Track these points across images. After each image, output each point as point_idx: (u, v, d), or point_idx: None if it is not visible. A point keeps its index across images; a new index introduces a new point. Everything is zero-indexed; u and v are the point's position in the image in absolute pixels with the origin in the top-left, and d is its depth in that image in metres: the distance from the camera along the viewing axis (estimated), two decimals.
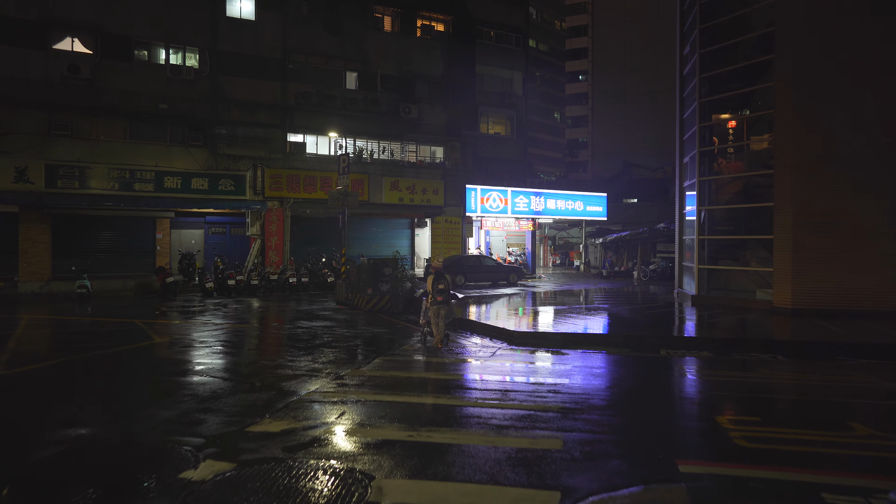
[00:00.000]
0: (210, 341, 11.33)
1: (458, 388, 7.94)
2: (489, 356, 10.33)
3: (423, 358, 10.05)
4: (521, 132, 35.49)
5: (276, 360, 9.62)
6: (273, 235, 24.76)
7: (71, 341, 11.70)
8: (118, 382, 8.22)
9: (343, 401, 7.14)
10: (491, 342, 11.78)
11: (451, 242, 29.55)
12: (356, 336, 12.52)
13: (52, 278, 21.67)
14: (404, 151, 28.63)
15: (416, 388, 7.99)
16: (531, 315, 15.48)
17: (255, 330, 13.33)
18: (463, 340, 12.00)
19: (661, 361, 10.04)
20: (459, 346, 11.28)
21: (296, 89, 25.53)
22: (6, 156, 20.64)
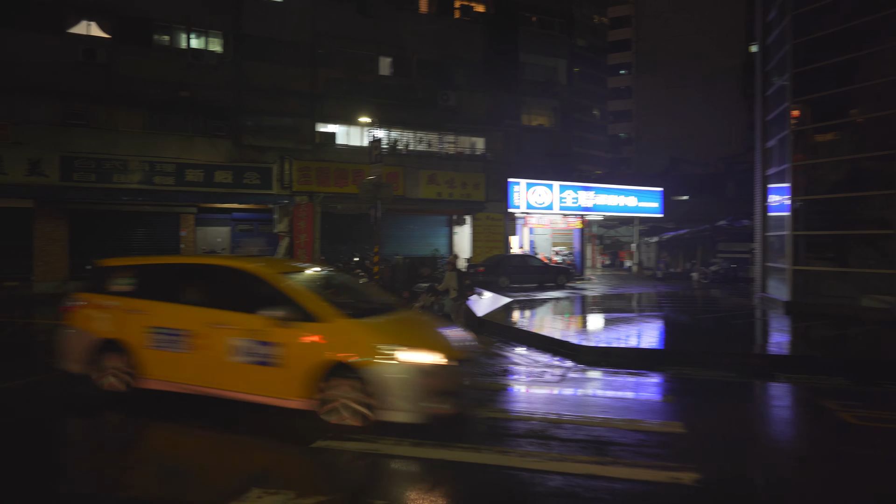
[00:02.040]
0: None
1: (539, 437, 5.66)
2: (558, 380, 8.07)
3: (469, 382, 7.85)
4: (566, 123, 33.06)
5: None
6: (302, 232, 22.94)
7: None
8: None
9: (365, 453, 5.01)
10: (552, 359, 9.51)
11: (492, 241, 27.29)
12: None
13: (70, 278, 20.25)
14: (442, 142, 26.51)
15: (474, 433, 5.80)
16: (593, 324, 13.13)
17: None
18: (514, 354, 9.76)
19: (793, 395, 7.61)
20: (512, 363, 9.05)
21: (325, 76, 23.67)
22: (19, 147, 19.29)
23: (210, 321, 6.10)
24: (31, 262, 19.96)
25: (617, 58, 72.44)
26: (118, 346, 6.52)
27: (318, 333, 5.69)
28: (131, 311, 6.56)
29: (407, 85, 25.13)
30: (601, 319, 13.91)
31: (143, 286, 6.76)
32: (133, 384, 6.48)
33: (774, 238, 16.20)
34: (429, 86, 25.49)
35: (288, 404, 5.73)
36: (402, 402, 5.37)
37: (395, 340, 5.63)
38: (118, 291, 6.81)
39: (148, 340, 6.37)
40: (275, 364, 5.73)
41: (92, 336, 6.68)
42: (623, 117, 74.62)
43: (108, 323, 6.66)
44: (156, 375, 6.35)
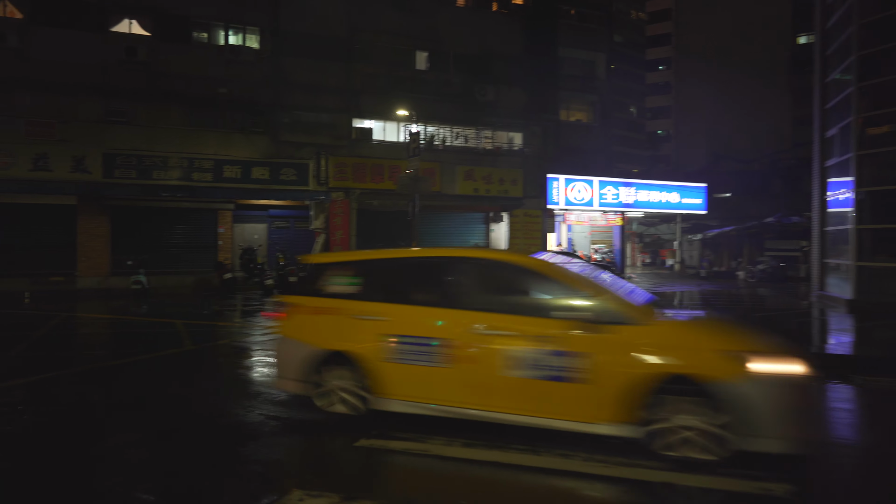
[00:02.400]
0: (248, 351, 9.14)
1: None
2: None
3: None
4: (605, 119, 32.28)
5: None
6: (338, 229, 22.79)
7: (85, 346, 9.85)
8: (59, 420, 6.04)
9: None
10: None
11: (530, 238, 26.70)
12: None
13: (111, 273, 20.50)
14: (479, 138, 26.05)
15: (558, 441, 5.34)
16: None
17: None
18: None
19: (880, 396, 6.95)
20: None
21: (362, 71, 23.47)
22: (64, 144, 19.60)
23: (477, 327, 4.98)
24: (76, 257, 20.26)
25: (655, 53, 70.75)
26: (347, 360, 5.42)
27: (638, 338, 4.59)
28: (362, 317, 5.44)
29: (444, 79, 24.77)
30: None
31: (374, 286, 5.68)
32: (367, 406, 5.36)
33: (834, 233, 15.28)
34: (466, 80, 25.08)
35: (593, 429, 4.64)
36: (775, 426, 4.24)
37: (739, 345, 4.56)
38: (340, 293, 5.71)
39: (387, 352, 5.24)
40: (576, 379, 4.63)
41: (312, 348, 5.55)
42: (661, 114, 72.90)
43: (331, 331, 5.55)
44: (399, 395, 5.23)
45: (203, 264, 21.36)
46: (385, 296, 5.55)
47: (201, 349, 9.23)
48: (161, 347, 9.28)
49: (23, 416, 5.60)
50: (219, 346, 9.58)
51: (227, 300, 17.37)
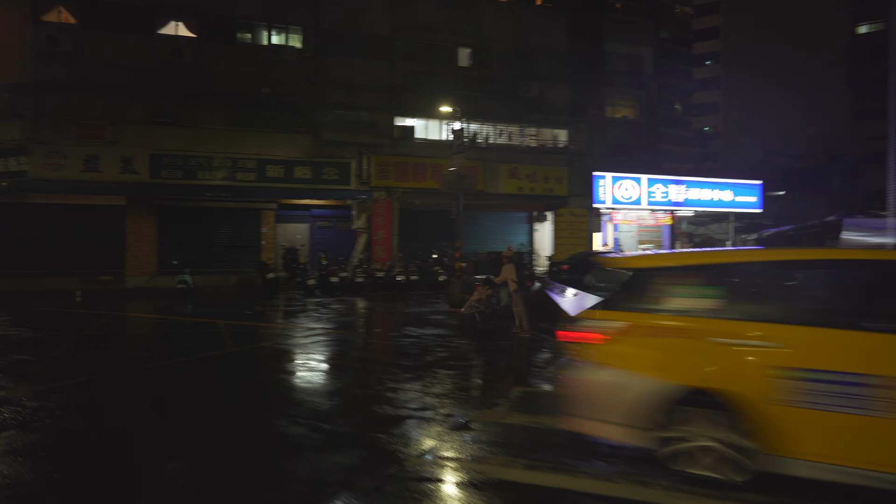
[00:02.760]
0: (291, 354, 8.85)
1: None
2: None
3: None
4: (652, 115, 31.17)
5: (375, 386, 6.85)
6: (380, 229, 22.54)
7: (128, 347, 9.74)
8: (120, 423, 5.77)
9: (476, 484, 4.13)
10: None
11: (575, 238, 25.93)
12: (476, 351, 9.58)
13: (158, 272, 20.75)
14: (523, 135, 25.43)
15: (605, 454, 4.81)
16: None
17: (355, 339, 10.76)
18: None
19: None
20: None
21: (404, 68, 23.18)
22: (113, 146, 19.91)
23: None
24: (124, 257, 20.58)
25: (702, 47, 68.56)
26: (716, 401, 4.04)
27: None
28: (738, 342, 4.05)
29: (487, 76, 24.26)
30: None
31: (747, 298, 4.35)
32: (754, 467, 3.97)
33: None
34: (509, 76, 24.51)
35: None
36: None
37: None
38: (690, 309, 4.34)
39: (785, 392, 3.85)
40: None
41: (657, 383, 4.12)
42: (708, 110, 70.55)
43: (689, 361, 4.15)
44: (807, 453, 3.85)
45: (246, 264, 21.42)
46: (770, 313, 4.14)
47: (243, 351, 9.00)
48: (203, 349, 9.09)
49: (59, 424, 5.38)
50: (261, 348, 9.33)
51: (270, 300, 17.28)
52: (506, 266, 11.23)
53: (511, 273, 11.06)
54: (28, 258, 20.08)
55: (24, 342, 9.64)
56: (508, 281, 11.15)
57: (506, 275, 11.20)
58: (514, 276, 11.06)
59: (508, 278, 11.16)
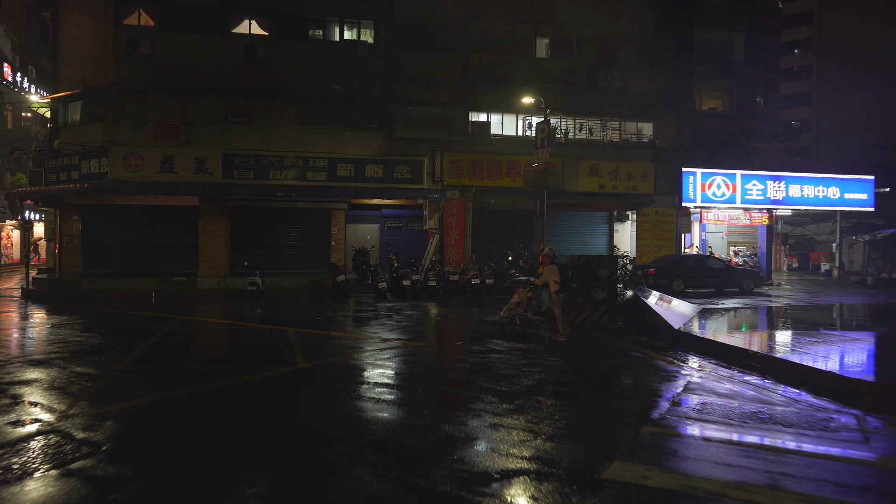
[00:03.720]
0: (366, 373, 7.88)
1: None
2: (858, 438, 5.42)
3: (727, 434, 5.46)
4: (742, 106, 28.71)
5: (469, 420, 5.72)
6: (452, 230, 21.53)
7: (192, 360, 9.07)
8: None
9: None
10: (813, 398, 6.77)
11: (661, 239, 24.06)
12: (578, 372, 8.31)
13: (229, 274, 20.56)
14: (605, 129, 23.80)
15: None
16: (849, 347, 9.96)
17: (432, 353, 9.71)
18: (749, 386, 7.14)
19: None
20: (759, 399, 6.46)
21: (478, 61, 22.06)
22: (188, 146, 19.87)
23: None
24: (197, 257, 20.51)
25: (794, 33, 63.82)
26: None
27: None
28: None
29: (566, 67, 22.79)
30: (854, 341, 10.64)
31: None
32: None
33: None
34: (590, 66, 22.94)
35: None
36: None
37: None
38: None
39: None
40: None
41: None
42: (797, 101, 65.66)
43: None
44: None
45: (316, 265, 20.94)
46: None
47: (314, 368, 8.09)
48: (271, 364, 8.28)
49: (100, 465, 4.56)
50: (333, 364, 8.42)
51: (340, 304, 16.58)
52: (547, 267, 10.77)
53: (554, 274, 10.60)
54: (107, 259, 20.33)
55: (90, 350, 9.17)
56: (550, 282, 10.68)
57: (547, 276, 10.71)
58: (556, 277, 10.60)
59: (550, 279, 10.66)
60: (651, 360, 8.98)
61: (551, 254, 11.26)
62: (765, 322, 12.85)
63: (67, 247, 20.42)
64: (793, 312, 14.79)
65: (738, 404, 6.46)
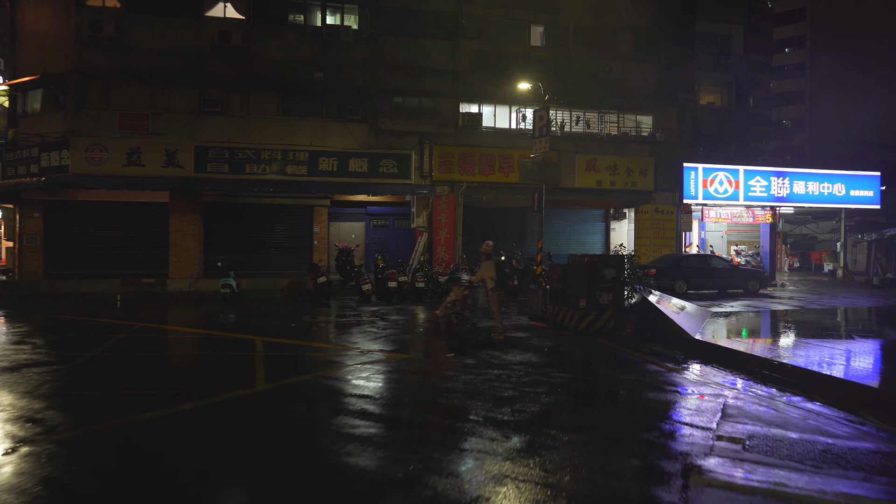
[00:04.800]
0: (337, 398, 6.57)
1: None
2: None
3: (804, 483, 4.22)
4: (742, 101, 27.72)
5: (458, 470, 4.43)
6: (442, 227, 20.25)
7: (131, 380, 7.69)
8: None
9: None
10: (862, 426, 5.57)
11: (661, 238, 22.92)
12: (592, 394, 7.06)
13: (204, 275, 19.16)
14: (602, 122, 22.63)
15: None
16: (881, 358, 8.80)
17: (419, 369, 8.38)
18: (789, 406, 5.93)
19: None
20: (810, 427, 5.25)
21: (469, 49, 20.80)
22: (157, 138, 18.44)
23: None
24: (168, 258, 19.09)
25: (788, 31, 63.22)
26: None
27: None
28: None
29: (562, 56, 21.59)
30: (881, 350, 9.49)
31: None
32: None
33: None
34: (587, 56, 21.76)
35: None
36: None
37: None
38: None
39: None
40: None
41: None
42: (789, 99, 65.09)
43: None
44: None
45: (298, 266, 19.60)
46: None
47: (276, 391, 6.73)
48: (224, 385, 6.94)
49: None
50: (301, 384, 7.08)
51: (321, 308, 15.24)
52: (484, 263, 10.40)
53: (490, 271, 10.27)
54: (72, 259, 18.90)
55: (19, 366, 7.78)
56: (486, 280, 10.35)
57: (483, 273, 10.37)
58: (493, 273, 10.27)
59: (486, 277, 10.32)
60: (671, 376, 7.76)
61: (489, 250, 10.78)
62: (787, 328, 11.67)
63: (28, 246, 18.93)
64: (813, 317, 13.67)
65: (795, 437, 5.24)
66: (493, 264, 10.38)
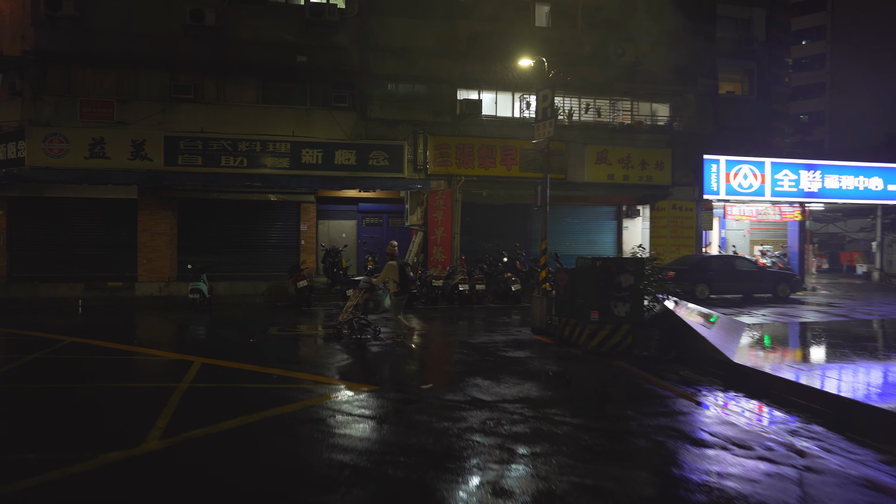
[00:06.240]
0: (248, 473, 4.71)
1: None
2: None
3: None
4: (764, 90, 25.67)
5: None
6: (438, 226, 18.41)
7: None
8: None
9: None
10: None
11: (679, 238, 20.96)
12: (609, 454, 5.17)
13: (176, 278, 17.43)
14: (614, 110, 20.67)
15: None
16: None
17: (382, 413, 6.35)
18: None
19: None
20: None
21: (468, 29, 18.90)
22: (124, 127, 16.71)
23: None
24: (136, 259, 17.38)
25: (807, 21, 60.73)
26: None
27: None
28: None
29: (570, 37, 19.64)
30: None
31: None
32: None
33: None
34: (598, 38, 19.80)
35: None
36: None
37: None
38: None
39: None
40: None
41: None
42: (807, 93, 62.66)
43: None
44: None
45: (282, 267, 17.84)
46: None
47: (167, 453, 4.83)
48: (104, 440, 5.07)
49: None
50: (210, 440, 5.21)
51: (299, 316, 13.47)
52: (387, 265, 9.83)
53: (393, 273, 9.70)
54: (35, 261, 17.23)
55: None
56: (389, 283, 9.80)
57: (386, 275, 9.78)
58: (395, 276, 9.69)
59: (389, 279, 9.75)
60: (715, 423, 5.87)
61: (392, 250, 10.31)
62: (850, 348, 9.60)
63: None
64: (868, 331, 11.69)
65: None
66: (396, 266, 9.75)
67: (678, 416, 6.05)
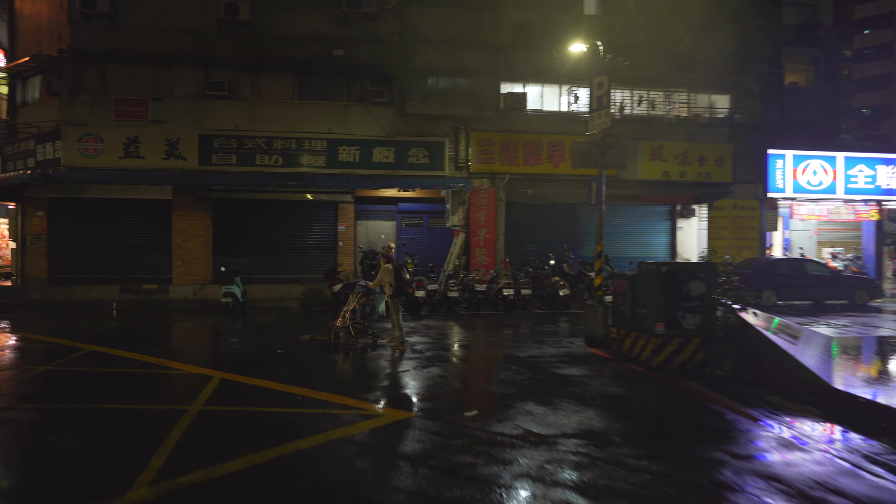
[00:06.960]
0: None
1: None
2: None
3: None
4: (831, 80, 23.72)
5: None
6: (481, 227, 17.42)
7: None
8: None
9: None
10: None
11: (741, 239, 19.40)
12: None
13: (211, 281, 16.97)
14: (670, 103, 19.28)
15: None
16: None
17: (416, 447, 5.42)
18: None
19: None
20: None
21: (512, 18, 17.85)
22: (157, 126, 16.34)
23: None
24: (171, 261, 17.00)
25: (871, 8, 57.21)
26: None
27: None
28: None
29: (622, 25, 18.35)
30: None
31: None
32: None
33: None
34: (652, 25, 18.46)
35: None
36: None
37: None
38: None
39: None
40: None
41: None
42: (871, 85, 59.06)
43: None
44: None
45: (318, 270, 17.13)
46: None
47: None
48: (82, 487, 4.31)
49: None
50: (213, 486, 4.40)
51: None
52: (383, 267, 9.67)
53: (388, 276, 9.50)
54: (73, 262, 17.05)
55: None
56: (385, 286, 9.60)
57: (382, 278, 9.59)
58: (391, 279, 9.48)
59: (385, 282, 9.55)
60: (837, 475, 4.71)
61: (388, 253, 10.19)
62: None
63: (32, 248, 17.19)
64: None
65: None
66: (392, 268, 9.56)
67: (781, 461, 4.91)
